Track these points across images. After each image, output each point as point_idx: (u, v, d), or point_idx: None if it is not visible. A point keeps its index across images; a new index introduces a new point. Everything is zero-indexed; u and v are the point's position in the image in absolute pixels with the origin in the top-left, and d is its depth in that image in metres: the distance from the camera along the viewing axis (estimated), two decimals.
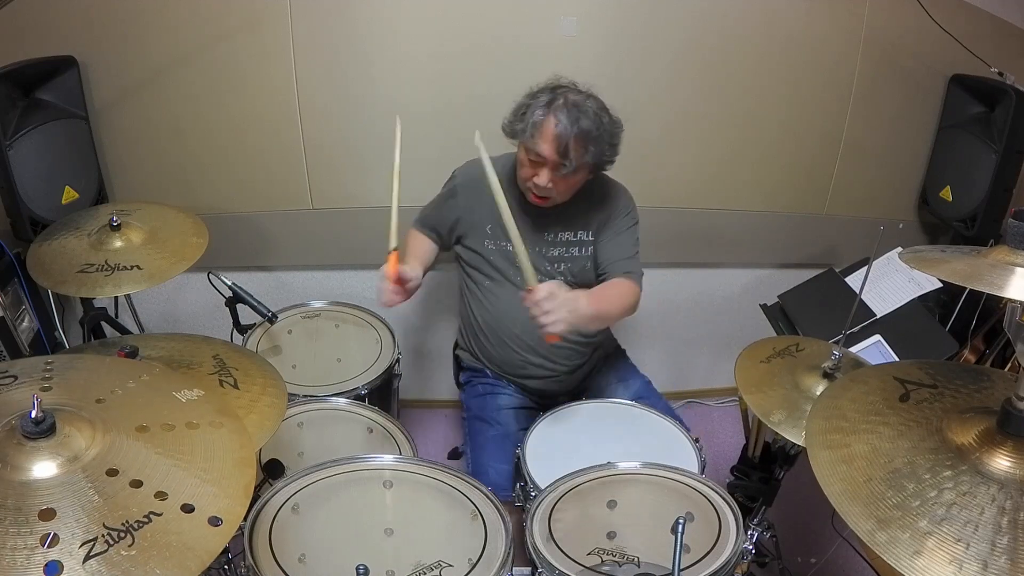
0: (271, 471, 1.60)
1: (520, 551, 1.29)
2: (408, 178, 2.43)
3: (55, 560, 0.74)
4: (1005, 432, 0.97)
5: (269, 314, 1.89)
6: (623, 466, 1.42)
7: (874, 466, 1.00)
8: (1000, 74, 2.24)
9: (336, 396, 1.79)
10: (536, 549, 1.29)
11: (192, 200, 2.27)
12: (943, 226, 2.63)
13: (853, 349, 1.95)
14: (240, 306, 1.94)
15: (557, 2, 2.21)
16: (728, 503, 1.36)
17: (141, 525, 0.81)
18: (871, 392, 1.16)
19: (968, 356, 2.29)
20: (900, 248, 1.66)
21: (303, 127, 2.29)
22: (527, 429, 1.71)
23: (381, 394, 1.94)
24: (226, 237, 2.21)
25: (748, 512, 1.70)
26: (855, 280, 2.19)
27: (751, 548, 1.60)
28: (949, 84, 2.44)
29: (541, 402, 2.01)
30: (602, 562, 1.39)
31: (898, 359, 1.91)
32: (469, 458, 1.92)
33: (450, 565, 1.30)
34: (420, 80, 2.27)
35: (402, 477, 1.38)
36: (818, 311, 2.20)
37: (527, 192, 1.79)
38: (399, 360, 2.04)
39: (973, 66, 2.33)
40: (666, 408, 1.91)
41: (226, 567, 1.40)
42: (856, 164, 2.54)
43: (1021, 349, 2.07)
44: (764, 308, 2.38)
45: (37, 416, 0.85)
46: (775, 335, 2.21)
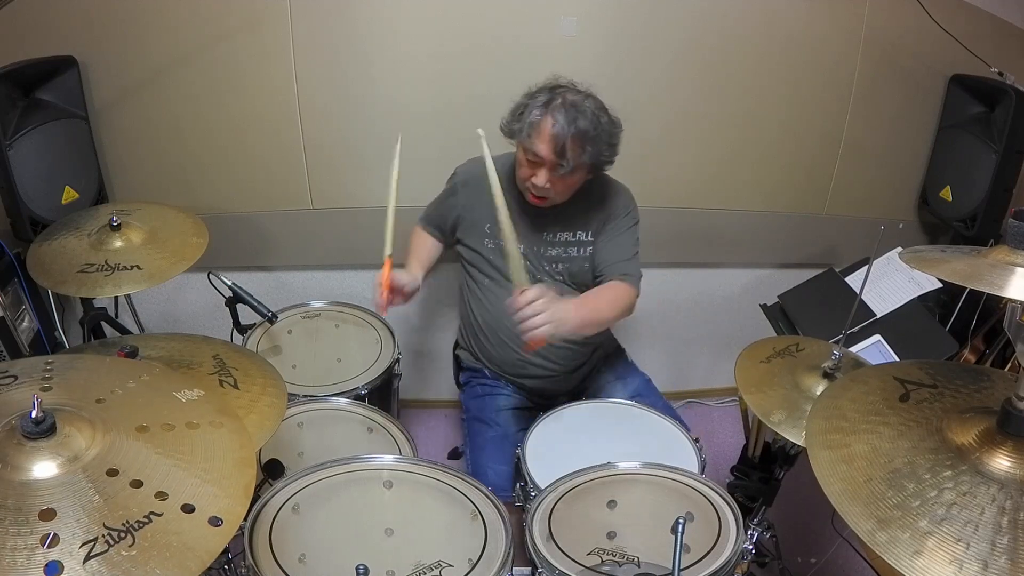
0: (271, 471, 1.60)
1: (520, 551, 1.29)
2: (408, 178, 2.43)
3: (55, 560, 0.74)
4: (1005, 432, 0.97)
5: (269, 314, 1.89)
6: (623, 466, 1.42)
7: (874, 466, 1.00)
8: (1000, 74, 2.24)
9: (336, 396, 1.79)
10: (536, 549, 1.29)
11: (192, 200, 2.27)
12: (943, 226, 2.63)
13: (853, 349, 1.95)
14: (240, 306, 1.94)
15: (557, 2, 2.21)
16: (728, 503, 1.36)
17: (141, 525, 0.81)
18: (871, 392, 1.16)
19: (968, 356, 2.30)
20: (900, 248, 1.66)
21: (303, 127, 2.29)
22: (527, 429, 1.71)
23: (381, 394, 1.94)
24: (226, 237, 2.21)
25: (748, 512, 1.70)
26: (855, 280, 2.19)
27: (751, 548, 1.60)
28: (949, 84, 2.44)
29: (540, 402, 2.01)
30: (602, 562, 1.39)
31: (898, 359, 1.91)
32: (468, 459, 1.92)
33: (450, 565, 1.30)
34: (420, 80, 2.27)
35: (402, 477, 1.38)
36: (818, 311, 2.20)
37: (526, 192, 1.79)
38: (399, 360, 2.04)
39: (973, 66, 2.33)
40: (666, 407, 1.91)
41: (226, 567, 1.40)
42: (856, 164, 2.54)
43: (1021, 349, 2.07)
44: (764, 308, 2.38)
45: (37, 416, 0.85)
46: (775, 335, 2.21)
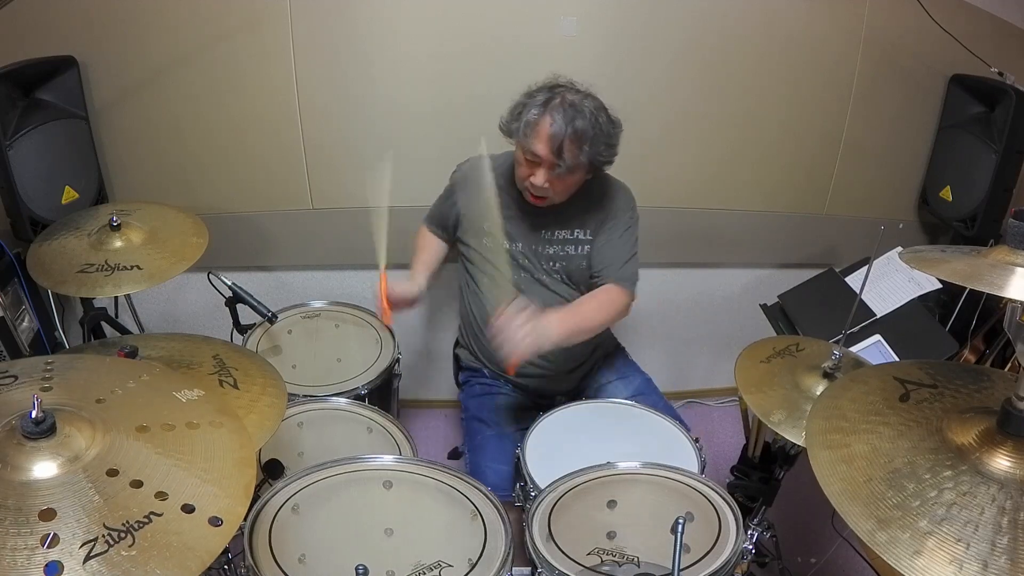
0: (271, 471, 1.60)
1: (520, 551, 1.29)
2: (408, 178, 2.43)
3: (55, 560, 0.74)
4: (1005, 432, 0.97)
5: (269, 314, 1.89)
6: (623, 466, 1.42)
7: (874, 466, 1.00)
8: (1000, 74, 2.23)
9: (336, 396, 1.79)
10: (536, 549, 1.29)
11: (192, 200, 2.27)
12: (943, 226, 2.62)
13: (853, 349, 1.95)
14: (240, 306, 1.94)
15: (557, 2, 2.21)
16: (728, 503, 1.35)
17: (141, 525, 0.81)
18: (871, 392, 1.16)
19: (968, 356, 2.30)
20: (900, 248, 1.66)
21: (303, 127, 2.29)
22: (526, 429, 1.71)
23: (381, 394, 1.94)
24: (226, 237, 2.21)
25: (748, 512, 1.70)
26: (855, 280, 2.19)
27: (751, 548, 1.59)
28: (949, 84, 2.44)
29: (539, 402, 2.01)
30: (602, 562, 1.39)
31: (898, 359, 1.91)
32: (467, 458, 1.92)
33: (450, 565, 1.30)
34: (420, 80, 2.27)
35: (402, 477, 1.38)
36: (818, 311, 2.19)
37: (525, 192, 1.79)
38: (399, 360, 2.04)
39: (973, 66, 2.33)
40: (666, 407, 1.91)
41: (226, 567, 1.40)
42: (856, 164, 2.54)
43: (1021, 349, 2.07)
44: (764, 308, 2.38)
45: (37, 416, 0.85)
46: (775, 335, 2.21)
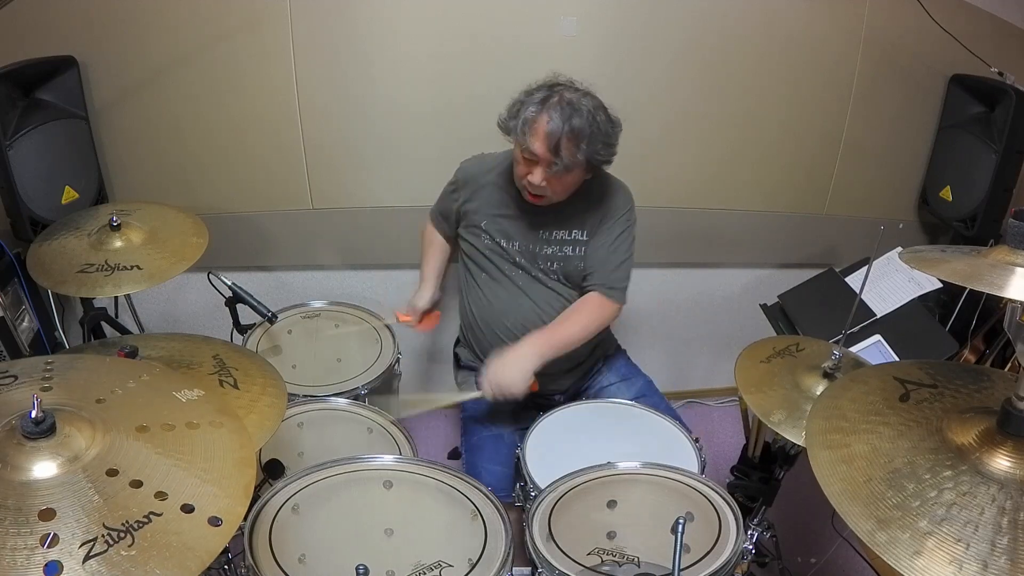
0: (271, 471, 1.60)
1: (520, 551, 1.29)
2: (408, 178, 2.43)
3: (55, 560, 0.74)
4: (1005, 432, 0.97)
5: (269, 314, 1.89)
6: (623, 466, 1.42)
7: (874, 466, 1.00)
8: (1000, 74, 2.23)
9: (336, 396, 1.79)
10: (536, 549, 1.29)
11: (192, 200, 2.27)
12: (943, 226, 2.63)
13: (853, 349, 1.95)
14: (240, 306, 1.93)
15: (557, 2, 2.20)
16: (728, 503, 1.35)
17: (141, 525, 0.81)
18: (871, 392, 1.16)
19: (968, 356, 2.30)
20: (900, 248, 1.66)
21: (303, 127, 2.29)
22: (525, 429, 1.71)
23: (381, 394, 1.94)
24: (226, 237, 2.21)
25: (748, 512, 1.70)
26: (855, 280, 2.19)
27: (751, 548, 1.60)
28: (949, 84, 2.44)
29: (539, 401, 2.00)
30: (602, 562, 1.39)
31: (898, 359, 1.91)
32: (464, 459, 1.92)
33: (450, 565, 1.29)
34: (420, 80, 2.27)
35: (402, 477, 1.38)
36: (818, 311, 2.20)
37: (523, 191, 1.79)
38: (399, 360, 2.05)
39: (973, 66, 2.33)
40: (667, 408, 1.91)
41: (226, 567, 1.40)
42: (856, 164, 2.54)
43: (1021, 349, 2.07)
44: (764, 308, 2.38)
45: (37, 416, 0.85)
46: (775, 335, 2.21)
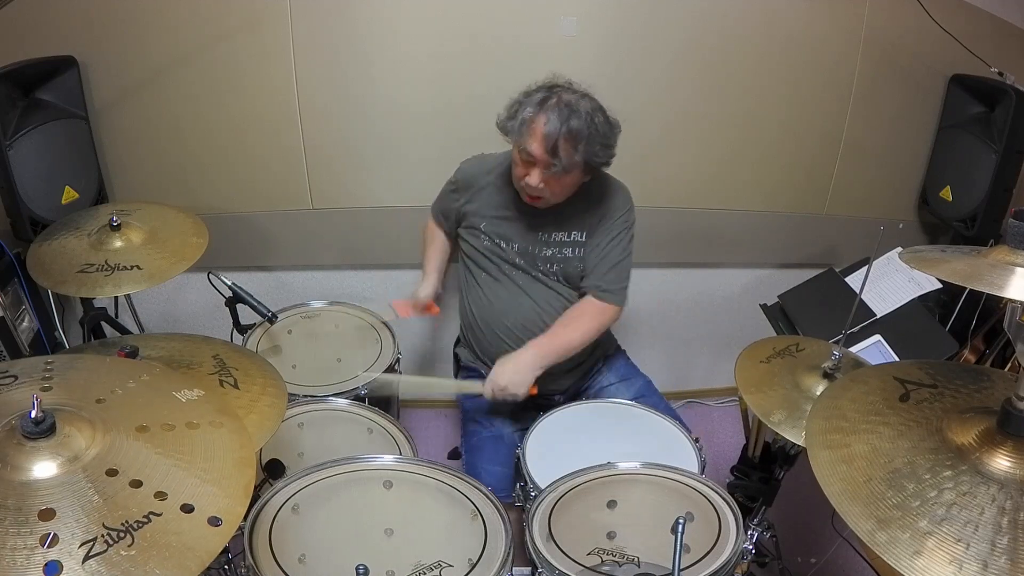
0: (271, 471, 1.60)
1: (520, 551, 1.29)
2: (408, 178, 2.43)
3: (55, 560, 0.74)
4: (1005, 432, 0.97)
5: (269, 314, 1.89)
6: (623, 466, 1.42)
7: (874, 466, 1.00)
8: (1000, 74, 2.23)
9: (336, 396, 1.79)
10: (536, 549, 1.29)
11: (192, 200, 2.27)
12: (943, 226, 2.62)
13: (853, 349, 1.95)
14: (240, 306, 1.93)
15: (557, 2, 2.20)
16: (728, 503, 1.35)
17: (141, 525, 0.81)
18: (871, 392, 1.16)
19: (968, 356, 2.29)
20: (900, 248, 1.66)
21: (303, 127, 2.29)
22: (525, 429, 1.71)
23: (381, 394, 1.94)
24: (226, 237, 2.21)
25: (748, 512, 1.70)
26: (855, 280, 2.19)
27: (751, 548, 1.60)
28: (949, 84, 2.44)
29: (538, 401, 2.00)
30: (602, 562, 1.39)
31: (898, 359, 1.91)
32: (463, 459, 1.92)
33: (450, 565, 1.29)
34: (420, 80, 2.27)
35: (402, 477, 1.38)
36: (818, 311, 2.19)
37: (521, 192, 1.79)
38: (399, 360, 2.04)
39: (973, 66, 2.33)
40: (667, 408, 1.91)
41: (226, 567, 1.40)
42: (856, 164, 2.54)
43: (1021, 349, 2.07)
44: (764, 308, 2.38)
45: (37, 416, 0.85)
46: (775, 335, 2.21)
